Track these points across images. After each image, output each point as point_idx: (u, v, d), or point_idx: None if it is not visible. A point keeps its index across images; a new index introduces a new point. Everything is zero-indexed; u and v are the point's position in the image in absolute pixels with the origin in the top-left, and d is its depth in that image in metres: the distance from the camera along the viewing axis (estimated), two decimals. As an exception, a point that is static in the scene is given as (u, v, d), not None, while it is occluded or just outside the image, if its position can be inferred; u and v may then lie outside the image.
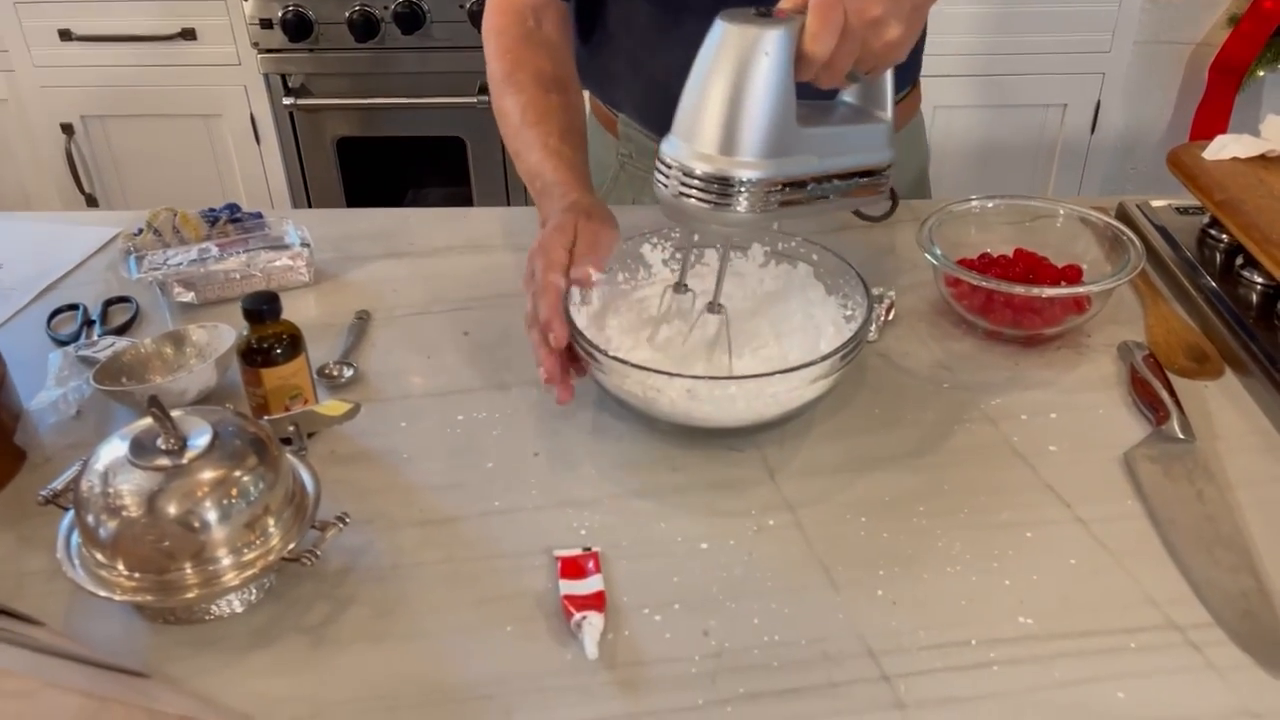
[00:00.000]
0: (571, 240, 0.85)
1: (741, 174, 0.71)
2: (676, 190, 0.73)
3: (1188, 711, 0.61)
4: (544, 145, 0.96)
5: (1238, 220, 0.94)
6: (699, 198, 0.73)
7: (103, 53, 2.16)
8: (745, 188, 0.72)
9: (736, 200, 0.72)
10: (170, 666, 0.65)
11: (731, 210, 0.73)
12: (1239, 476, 0.78)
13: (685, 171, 0.72)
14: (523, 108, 0.99)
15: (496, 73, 1.04)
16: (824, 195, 0.77)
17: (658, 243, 0.92)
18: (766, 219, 0.74)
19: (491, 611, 0.68)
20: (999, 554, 0.72)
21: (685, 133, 0.72)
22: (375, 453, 0.82)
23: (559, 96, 1.00)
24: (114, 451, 0.66)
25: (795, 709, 0.62)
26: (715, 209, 0.73)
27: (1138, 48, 2.19)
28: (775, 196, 0.73)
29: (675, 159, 0.73)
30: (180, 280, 0.99)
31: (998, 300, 0.91)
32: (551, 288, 0.81)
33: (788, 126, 0.72)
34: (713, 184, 0.72)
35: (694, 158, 0.72)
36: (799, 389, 0.77)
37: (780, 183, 0.73)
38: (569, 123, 0.99)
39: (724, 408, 0.77)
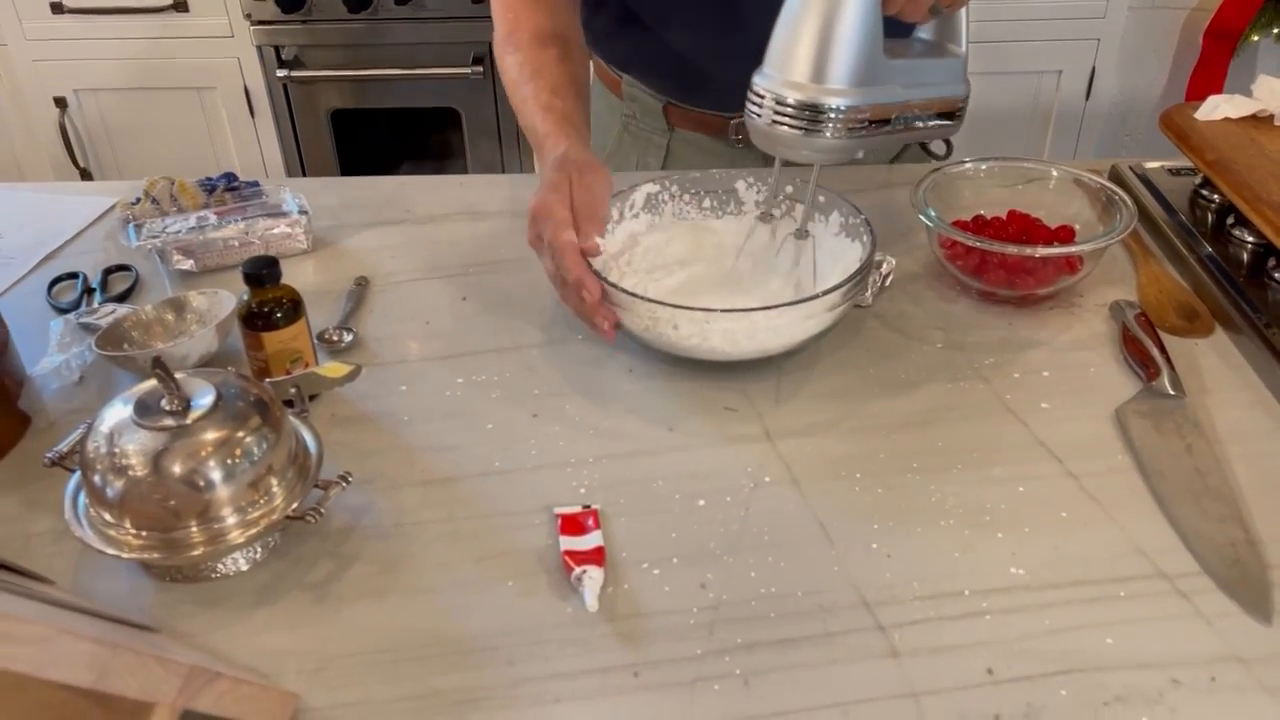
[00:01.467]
0: (569, 197, 0.86)
1: (832, 101, 0.75)
2: (770, 119, 0.77)
3: (1176, 657, 0.62)
4: (536, 99, 0.97)
5: (1229, 179, 0.94)
6: (791, 125, 0.76)
7: (95, 25, 2.15)
8: (835, 115, 0.76)
9: (827, 127, 0.76)
10: (178, 623, 0.66)
11: (821, 137, 0.76)
12: (1228, 431, 0.79)
13: (778, 100, 0.76)
14: (520, 65, 1.01)
15: (498, 33, 1.05)
16: (906, 124, 0.81)
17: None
18: (854, 146, 0.78)
19: (493, 567, 0.69)
20: (991, 508, 0.73)
21: (778, 64, 0.76)
22: (375, 415, 0.83)
23: (555, 50, 1.01)
24: (119, 413, 0.67)
25: (792, 658, 0.63)
26: (806, 135, 0.76)
27: (1132, 13, 2.19)
28: (862, 124, 0.77)
29: (768, 89, 0.77)
30: (179, 248, 1.00)
31: (991, 261, 0.92)
32: (568, 247, 0.83)
33: (875, 57, 0.75)
34: (804, 111, 0.76)
35: (787, 87, 0.76)
36: (813, 318, 0.81)
37: (867, 111, 0.77)
38: (564, 76, 1.00)
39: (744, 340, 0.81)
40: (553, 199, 0.86)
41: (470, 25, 2.12)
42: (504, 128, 2.26)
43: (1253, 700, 0.60)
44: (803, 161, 0.80)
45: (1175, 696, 0.60)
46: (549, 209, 0.85)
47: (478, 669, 0.63)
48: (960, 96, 0.85)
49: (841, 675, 0.62)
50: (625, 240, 0.94)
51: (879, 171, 1.18)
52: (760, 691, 0.61)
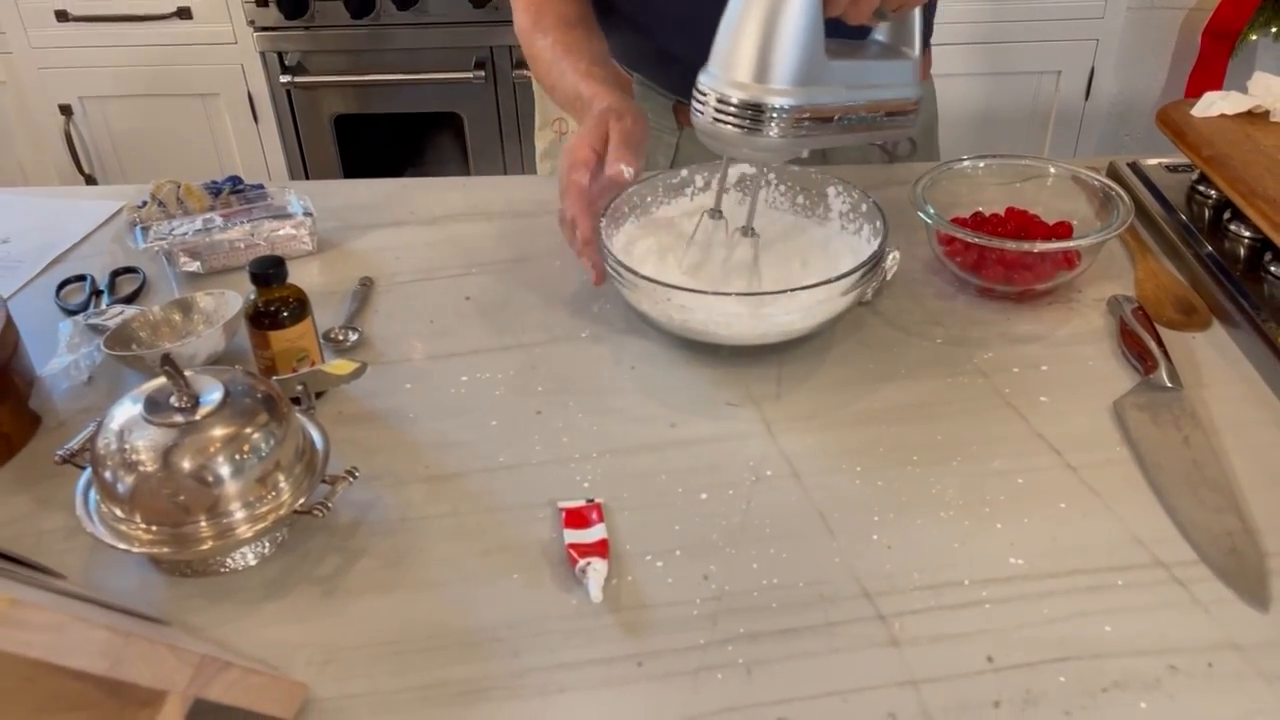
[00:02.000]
0: (601, 138, 0.88)
1: (774, 101, 0.76)
2: (712, 116, 0.78)
3: (1173, 644, 0.63)
4: (575, 70, 0.99)
5: (1225, 174, 0.95)
6: (734, 124, 0.77)
7: (100, 33, 2.17)
8: (777, 114, 0.76)
9: (768, 126, 0.77)
10: (188, 617, 0.67)
11: (764, 135, 0.77)
12: (1224, 422, 0.80)
13: (721, 99, 0.77)
14: (551, 45, 1.03)
15: (524, 23, 1.08)
16: (851, 125, 0.81)
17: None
18: (796, 145, 0.79)
19: (498, 561, 0.70)
20: (991, 499, 0.74)
21: (721, 63, 0.77)
22: (381, 413, 0.84)
23: (584, 31, 1.05)
24: (128, 411, 0.68)
25: (794, 647, 0.64)
26: (748, 134, 0.77)
27: (1131, 13, 2.20)
28: (805, 124, 0.78)
29: (712, 87, 0.78)
30: (186, 250, 1.01)
31: (990, 257, 0.93)
32: (574, 186, 0.86)
33: (817, 57, 0.76)
34: (747, 110, 0.76)
35: (729, 86, 0.77)
36: (824, 303, 0.82)
37: (809, 111, 0.77)
38: (597, 50, 1.03)
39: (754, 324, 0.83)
40: (578, 142, 0.88)
41: (472, 30, 2.13)
42: (506, 132, 2.28)
43: (1249, 686, 0.61)
44: (745, 160, 0.81)
45: (1173, 682, 0.61)
46: (572, 150, 0.88)
47: (484, 660, 0.64)
48: (910, 99, 0.86)
49: (843, 664, 0.63)
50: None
51: (878, 170, 1.19)
52: (763, 680, 0.62)
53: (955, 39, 2.16)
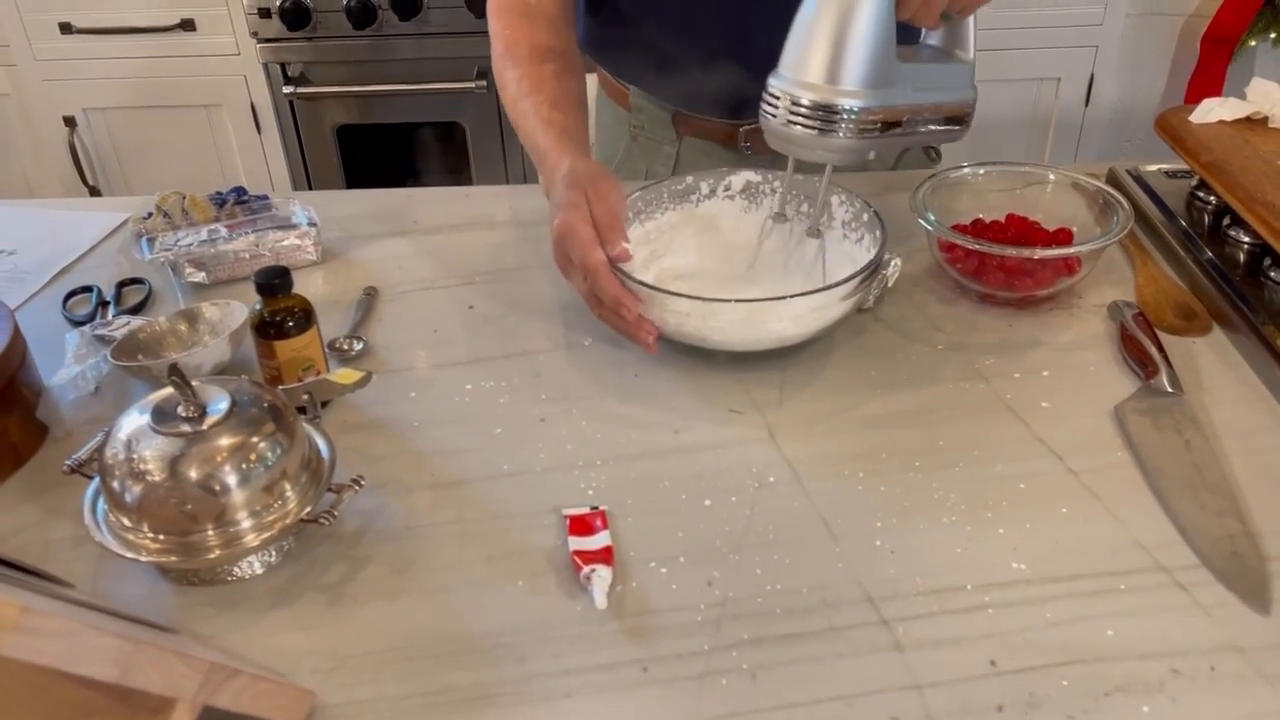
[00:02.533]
0: (588, 214, 0.87)
1: (846, 102, 0.77)
2: (785, 119, 0.79)
3: (1176, 647, 0.63)
4: (536, 114, 0.99)
5: (1223, 180, 0.96)
6: (805, 125, 0.78)
7: (103, 45, 2.18)
8: (848, 115, 0.78)
9: (840, 127, 0.78)
10: (195, 625, 0.68)
11: (835, 136, 0.78)
12: (1225, 427, 0.80)
13: (794, 100, 0.78)
14: (518, 80, 1.03)
15: (496, 50, 1.08)
16: (916, 127, 0.83)
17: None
18: (866, 146, 0.80)
19: (503, 568, 0.71)
20: (993, 504, 0.74)
21: (792, 66, 0.79)
22: (386, 421, 0.85)
23: (553, 65, 1.04)
24: (136, 421, 0.69)
25: (797, 652, 0.64)
26: (820, 135, 0.79)
27: (1130, 20, 2.21)
28: (874, 125, 0.79)
29: (784, 90, 0.79)
30: (191, 260, 1.02)
31: (990, 263, 0.94)
32: (600, 266, 0.84)
33: (888, 60, 0.78)
34: (819, 112, 0.78)
35: (801, 88, 0.78)
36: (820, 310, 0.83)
37: (880, 113, 0.79)
38: (562, 90, 1.02)
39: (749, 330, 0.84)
40: (574, 218, 0.86)
41: (473, 40, 2.15)
42: (507, 141, 2.29)
43: (1252, 688, 0.61)
44: (817, 161, 0.82)
45: (1175, 685, 0.61)
46: (572, 229, 0.86)
47: (490, 666, 0.64)
48: (968, 101, 0.87)
49: (846, 668, 0.63)
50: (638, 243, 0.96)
51: (879, 176, 1.19)
52: (767, 685, 0.62)
53: (955, 46, 2.17)
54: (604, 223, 0.87)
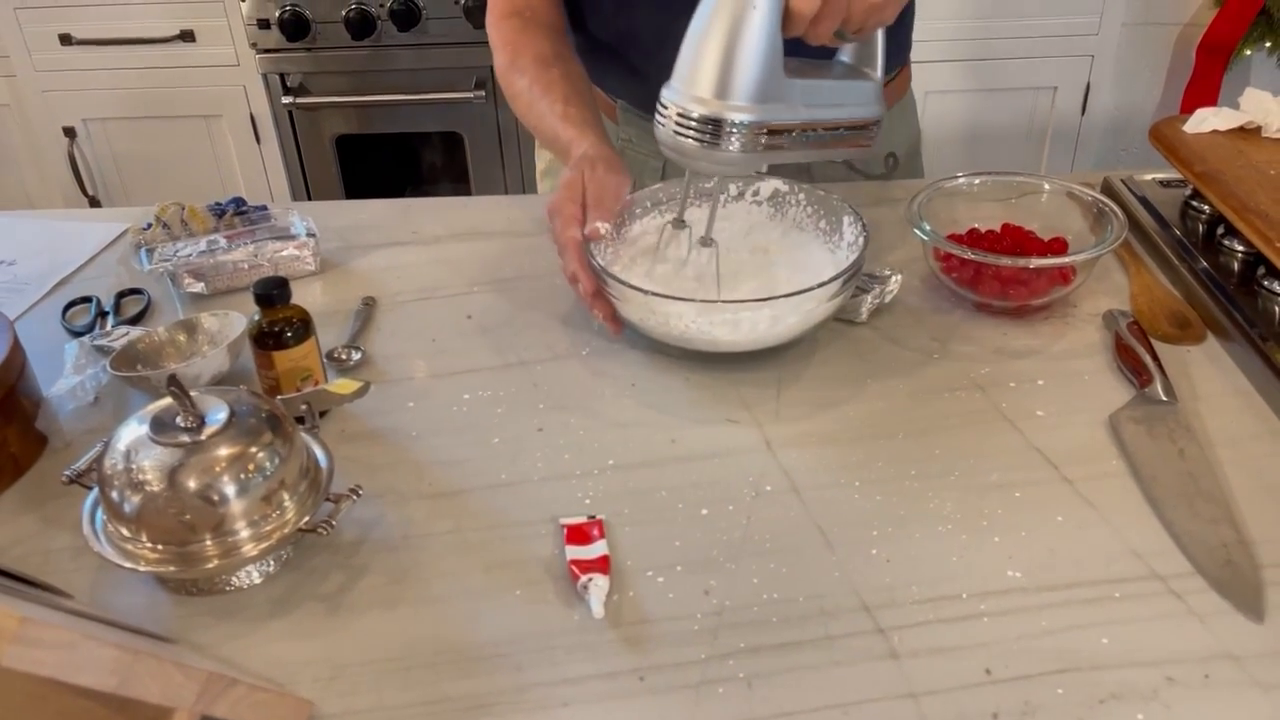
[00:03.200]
0: (581, 194, 0.91)
1: (733, 116, 0.78)
2: (673, 130, 0.80)
3: (1170, 655, 0.64)
4: (552, 112, 1.03)
5: (1217, 190, 0.96)
6: (694, 137, 0.79)
7: (103, 56, 2.19)
8: (736, 129, 0.78)
9: (728, 140, 0.79)
10: (194, 635, 0.68)
11: (723, 150, 0.79)
12: (1219, 435, 0.81)
13: (682, 113, 0.79)
14: (529, 86, 1.06)
15: (501, 63, 1.10)
16: (810, 141, 0.83)
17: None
18: (755, 160, 0.81)
19: (501, 577, 0.71)
20: (989, 513, 0.75)
21: (683, 79, 0.79)
22: (384, 431, 0.85)
23: (560, 68, 1.07)
24: (135, 431, 0.69)
25: (794, 660, 0.64)
26: (708, 148, 0.79)
27: (1125, 29, 2.22)
28: (763, 139, 0.80)
29: (674, 102, 0.80)
30: (190, 271, 1.02)
31: (986, 273, 0.94)
32: (570, 243, 0.90)
33: (776, 76, 0.78)
34: (707, 125, 0.78)
35: (690, 101, 0.79)
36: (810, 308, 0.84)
37: (768, 127, 0.79)
38: (572, 89, 1.05)
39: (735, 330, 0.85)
40: (563, 197, 0.92)
41: (472, 50, 2.16)
42: (506, 151, 2.29)
43: (1246, 695, 0.61)
44: (706, 172, 0.84)
45: (1170, 693, 0.61)
46: (559, 207, 0.91)
47: (487, 675, 0.64)
48: (871, 117, 0.88)
49: (843, 677, 0.63)
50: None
51: (873, 188, 1.20)
52: (763, 694, 0.62)
53: (950, 56, 2.18)
54: (591, 202, 0.91)
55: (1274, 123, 1.03)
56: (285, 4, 2.10)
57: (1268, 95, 1.05)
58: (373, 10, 2.11)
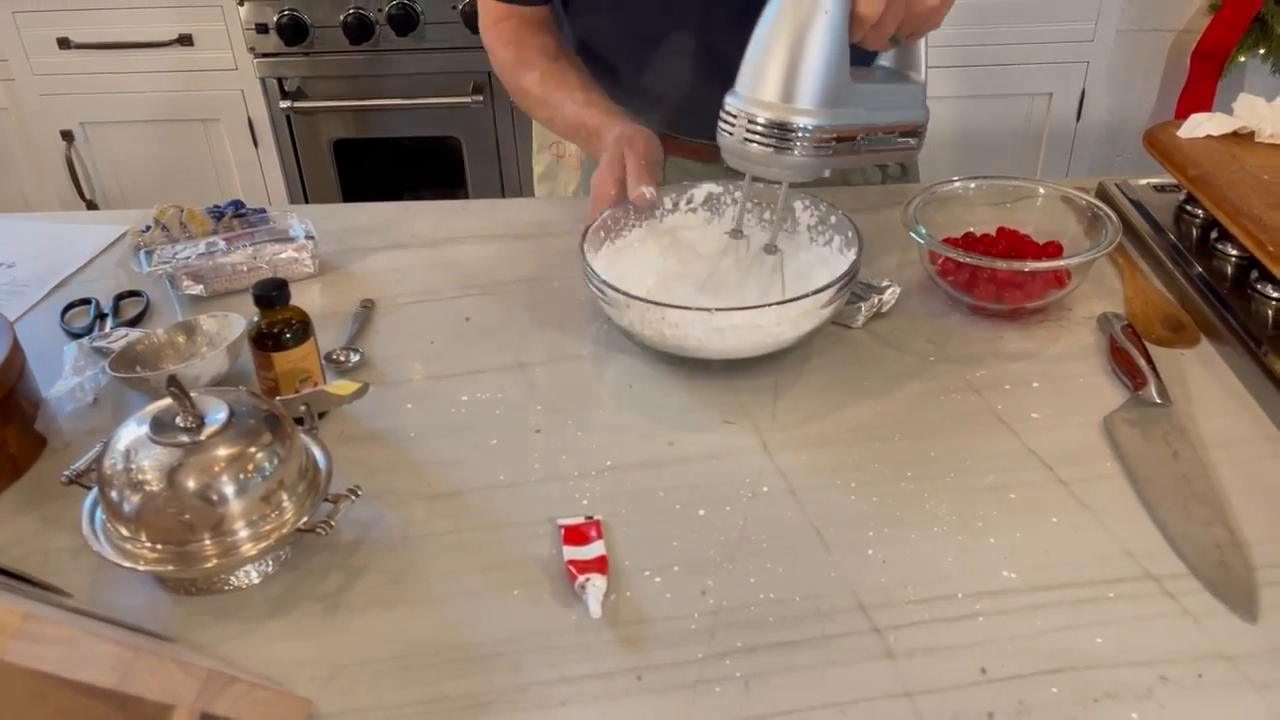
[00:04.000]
0: (621, 169, 0.95)
1: (800, 121, 0.79)
2: (741, 137, 0.81)
3: (1164, 654, 0.64)
4: (572, 99, 1.04)
5: (1211, 194, 0.97)
6: (761, 143, 0.80)
7: (102, 60, 2.19)
8: (803, 134, 0.79)
9: (795, 145, 0.79)
10: (193, 634, 0.68)
11: (790, 154, 0.80)
12: (1213, 437, 0.81)
13: (750, 119, 0.80)
14: (540, 80, 1.07)
15: (506, 61, 1.11)
16: (871, 146, 0.84)
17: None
18: (820, 164, 0.82)
19: (499, 577, 0.71)
20: (984, 514, 0.75)
21: (748, 85, 0.80)
22: (383, 433, 0.85)
23: (567, 61, 1.08)
24: (134, 431, 0.69)
25: (791, 660, 0.65)
26: (776, 153, 0.80)
27: (1121, 36, 2.23)
28: (829, 144, 0.80)
29: (740, 109, 0.80)
30: (189, 273, 1.02)
31: (982, 276, 0.95)
32: (599, 198, 0.95)
33: (842, 80, 0.79)
34: (774, 130, 0.79)
35: (757, 106, 0.79)
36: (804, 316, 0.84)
37: (833, 131, 0.80)
38: (583, 77, 1.07)
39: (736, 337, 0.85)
40: (604, 172, 0.95)
41: (470, 55, 2.16)
42: (504, 155, 2.30)
43: (1239, 695, 0.62)
44: (772, 178, 0.84)
45: (1164, 692, 0.62)
46: (598, 184, 0.95)
47: (485, 674, 0.64)
48: (920, 121, 0.89)
49: (839, 676, 0.64)
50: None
51: (869, 193, 1.20)
52: (760, 693, 0.63)
53: (949, 62, 2.19)
54: (633, 167, 0.94)
55: (1267, 128, 1.04)
56: (283, 8, 2.11)
57: (1261, 101, 1.06)
58: (371, 15, 2.12)
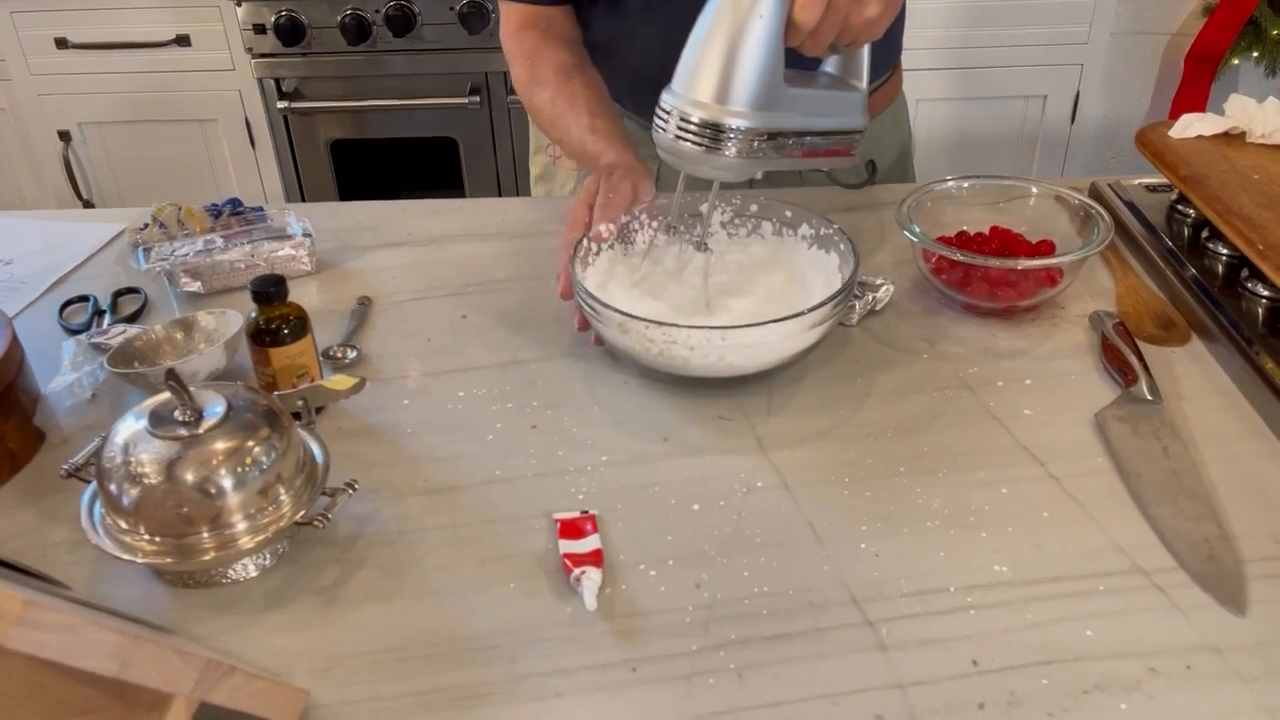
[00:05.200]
0: (593, 197, 0.94)
1: (732, 122, 0.79)
2: (674, 134, 0.81)
3: (1153, 647, 0.65)
4: (578, 124, 1.04)
5: (1202, 194, 0.98)
6: (694, 141, 0.80)
7: (99, 60, 2.20)
8: (735, 134, 0.79)
9: (726, 145, 0.79)
10: (191, 627, 0.69)
11: (721, 154, 0.80)
12: (1203, 434, 0.82)
13: (683, 117, 0.80)
14: (551, 100, 1.08)
15: (521, 77, 1.12)
16: (803, 150, 0.84)
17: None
18: (751, 165, 0.82)
19: (495, 570, 0.72)
20: (976, 509, 0.76)
21: (684, 84, 0.80)
22: (380, 428, 0.86)
23: (581, 79, 1.08)
24: (132, 425, 0.70)
25: (784, 652, 0.65)
26: (707, 152, 0.80)
27: (1115, 38, 2.24)
28: (760, 145, 0.80)
29: (674, 106, 0.80)
30: (187, 270, 1.03)
31: (975, 274, 0.95)
32: (566, 246, 0.92)
33: (776, 84, 0.79)
34: (706, 129, 0.79)
35: (691, 105, 0.79)
36: (794, 336, 0.83)
37: (765, 133, 0.80)
38: (596, 99, 1.07)
39: (720, 358, 0.83)
40: (577, 204, 0.95)
41: (467, 56, 2.17)
42: (500, 156, 2.30)
43: (1227, 687, 0.62)
44: (704, 176, 0.84)
45: (1153, 684, 0.63)
46: (572, 211, 0.95)
47: (481, 666, 0.65)
48: (856, 128, 0.89)
49: (831, 668, 0.64)
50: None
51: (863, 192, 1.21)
52: (753, 684, 0.63)
53: (940, 64, 2.20)
54: (600, 204, 0.94)
55: (1258, 128, 1.05)
56: (281, 9, 2.11)
57: (1252, 101, 1.06)
58: (368, 16, 2.12)
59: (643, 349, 0.84)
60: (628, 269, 0.94)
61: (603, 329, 0.87)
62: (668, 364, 0.85)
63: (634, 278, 0.93)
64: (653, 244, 0.95)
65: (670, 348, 0.82)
